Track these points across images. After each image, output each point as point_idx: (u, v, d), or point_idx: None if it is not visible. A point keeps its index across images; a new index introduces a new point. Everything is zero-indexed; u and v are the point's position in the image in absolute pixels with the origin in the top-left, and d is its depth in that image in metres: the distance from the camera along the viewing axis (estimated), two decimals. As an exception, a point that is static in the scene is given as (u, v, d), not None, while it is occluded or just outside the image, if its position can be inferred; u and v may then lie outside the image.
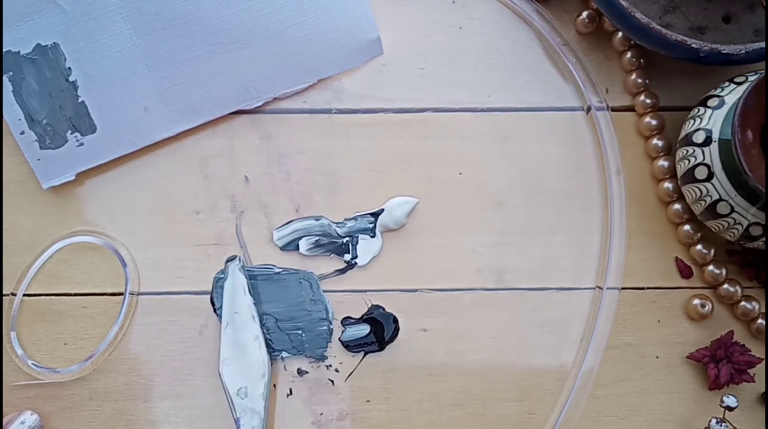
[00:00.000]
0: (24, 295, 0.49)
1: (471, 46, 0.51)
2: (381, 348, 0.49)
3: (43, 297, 0.49)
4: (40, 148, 0.48)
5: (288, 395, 0.49)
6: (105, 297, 0.49)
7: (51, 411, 0.48)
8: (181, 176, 0.50)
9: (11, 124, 0.48)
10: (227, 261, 0.49)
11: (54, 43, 0.48)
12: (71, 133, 0.48)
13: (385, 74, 0.51)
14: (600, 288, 0.49)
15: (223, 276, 0.49)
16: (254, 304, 0.48)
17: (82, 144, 0.48)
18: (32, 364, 0.48)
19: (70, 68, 0.48)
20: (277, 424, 0.48)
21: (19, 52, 0.48)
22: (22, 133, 0.48)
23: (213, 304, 0.49)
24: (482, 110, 0.51)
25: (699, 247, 0.49)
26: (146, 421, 0.49)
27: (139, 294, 0.49)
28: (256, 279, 0.49)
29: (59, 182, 0.49)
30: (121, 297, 0.49)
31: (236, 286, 0.48)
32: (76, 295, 0.49)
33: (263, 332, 0.48)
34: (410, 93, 0.51)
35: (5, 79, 0.48)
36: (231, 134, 0.50)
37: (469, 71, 0.51)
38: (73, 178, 0.49)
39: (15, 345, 0.48)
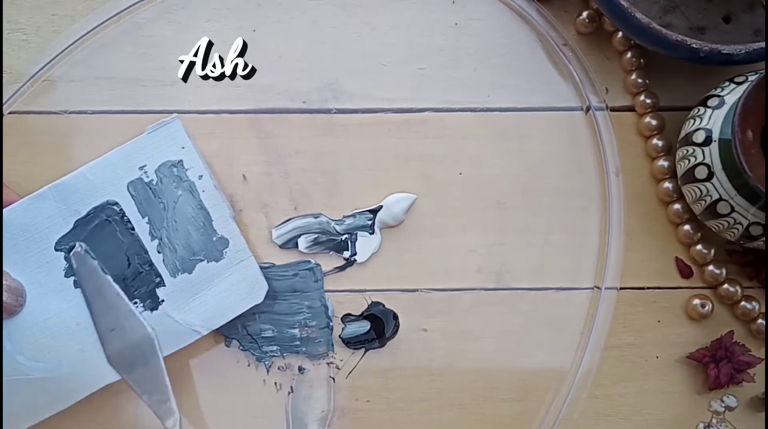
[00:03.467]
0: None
1: (471, 46, 0.51)
2: (381, 344, 0.49)
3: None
4: None
5: (289, 393, 0.48)
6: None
7: None
8: (181, 175, 0.50)
9: None
10: (69, 252, 0.46)
11: None
12: None
13: (385, 74, 0.51)
14: (598, 288, 0.49)
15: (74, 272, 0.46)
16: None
17: None
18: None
19: None
20: (280, 422, 0.48)
21: None
22: None
23: None
24: (482, 110, 0.51)
25: (699, 247, 0.49)
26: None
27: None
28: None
29: None
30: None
31: (91, 272, 0.46)
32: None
33: (136, 308, 0.46)
34: (410, 93, 0.51)
35: None
36: (230, 134, 0.50)
37: (469, 71, 0.51)
38: None
39: None
